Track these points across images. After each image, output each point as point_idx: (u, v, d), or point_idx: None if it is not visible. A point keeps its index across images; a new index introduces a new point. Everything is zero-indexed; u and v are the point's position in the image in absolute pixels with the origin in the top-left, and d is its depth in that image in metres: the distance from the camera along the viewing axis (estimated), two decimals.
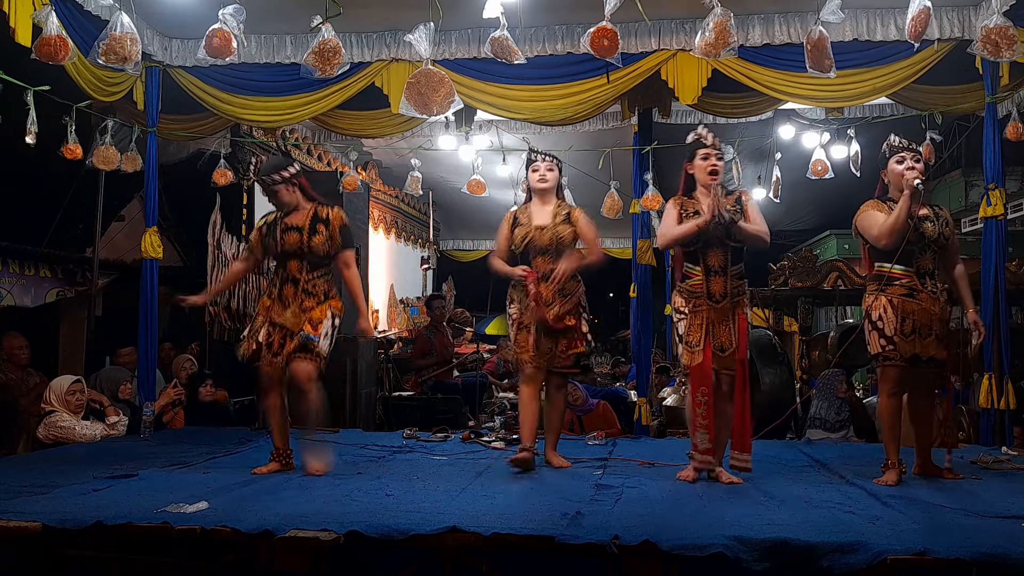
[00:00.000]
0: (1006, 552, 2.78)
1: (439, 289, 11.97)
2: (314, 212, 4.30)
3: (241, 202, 8.10)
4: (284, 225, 4.27)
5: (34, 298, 7.69)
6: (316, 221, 4.26)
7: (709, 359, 3.99)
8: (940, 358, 4.04)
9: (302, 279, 4.23)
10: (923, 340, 3.98)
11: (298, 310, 4.20)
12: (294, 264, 4.24)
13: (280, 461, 4.32)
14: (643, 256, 6.47)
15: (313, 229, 4.24)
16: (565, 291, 4.34)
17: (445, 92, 4.75)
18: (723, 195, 4.13)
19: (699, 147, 4.12)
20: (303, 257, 4.23)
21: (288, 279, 4.25)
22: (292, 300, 4.21)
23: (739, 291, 4.07)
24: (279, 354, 4.17)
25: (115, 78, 5.49)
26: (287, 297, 4.22)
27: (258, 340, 4.21)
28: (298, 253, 4.23)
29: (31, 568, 3.25)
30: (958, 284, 4.14)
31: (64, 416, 5.34)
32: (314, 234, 4.23)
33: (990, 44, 4.45)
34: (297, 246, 4.22)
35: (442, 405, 7.14)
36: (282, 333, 4.19)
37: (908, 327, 3.97)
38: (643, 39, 5.68)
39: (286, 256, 4.25)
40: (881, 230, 3.98)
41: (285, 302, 4.22)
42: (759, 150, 8.89)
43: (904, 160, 4.05)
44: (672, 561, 2.92)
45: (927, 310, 3.99)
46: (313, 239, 4.22)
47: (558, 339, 4.36)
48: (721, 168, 4.12)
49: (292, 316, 4.19)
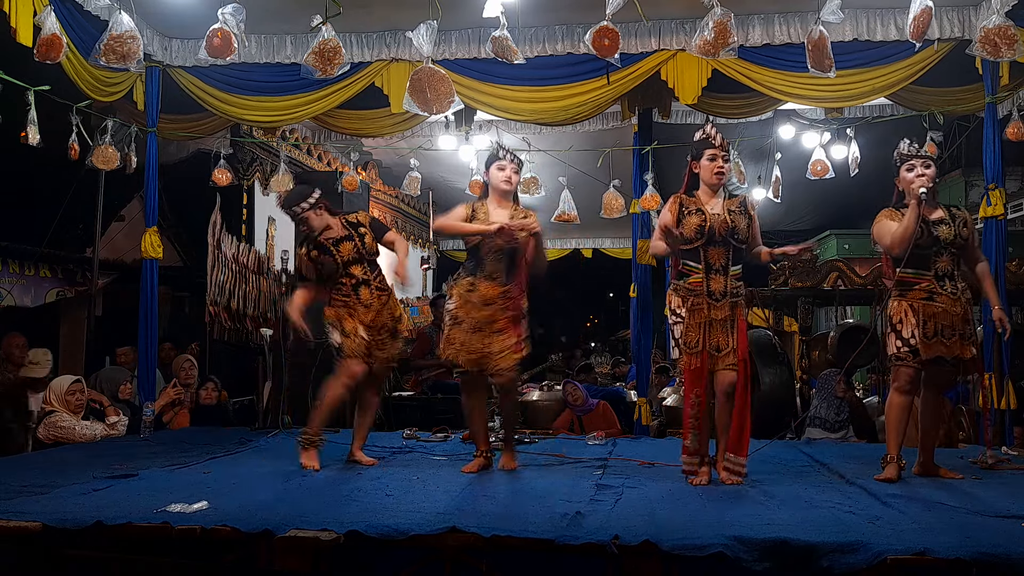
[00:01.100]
0: (1006, 552, 2.77)
1: (439, 289, 11.96)
2: (344, 221, 4.59)
3: (241, 202, 8.11)
4: (331, 240, 4.52)
5: (34, 298, 7.69)
6: (354, 227, 4.58)
7: (705, 360, 3.99)
8: (966, 357, 4.06)
9: (371, 279, 4.56)
10: (948, 341, 4.01)
11: (379, 305, 4.54)
12: (358, 268, 4.53)
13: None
14: (643, 256, 6.48)
15: (359, 234, 4.56)
16: (509, 294, 4.24)
17: (445, 91, 4.76)
18: (727, 197, 4.14)
19: (707, 147, 4.11)
20: (362, 260, 4.55)
21: (360, 283, 4.52)
22: (373, 300, 4.53)
23: (738, 292, 4.07)
24: (383, 350, 4.56)
25: (114, 78, 5.49)
26: (365, 299, 4.51)
27: (362, 336, 4.43)
28: (358, 258, 4.54)
29: (31, 568, 3.25)
30: (984, 281, 4.17)
31: (64, 416, 5.34)
32: (362, 237, 4.56)
33: (989, 44, 4.45)
34: (355, 252, 4.52)
35: (442, 405, 7.13)
36: (377, 332, 4.52)
37: (931, 330, 4.00)
38: (643, 39, 5.68)
39: (348, 264, 4.51)
40: (892, 239, 4.03)
41: (367, 304, 4.51)
42: (759, 150, 8.88)
43: (914, 168, 4.07)
44: (672, 561, 2.91)
45: (948, 311, 4.01)
46: (365, 240, 4.55)
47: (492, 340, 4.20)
48: (728, 170, 4.12)
49: (377, 314, 4.52)
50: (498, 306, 4.22)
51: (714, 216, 4.03)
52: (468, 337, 4.20)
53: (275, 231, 8.76)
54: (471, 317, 4.21)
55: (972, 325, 4.13)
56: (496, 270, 4.25)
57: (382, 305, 4.55)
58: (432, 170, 9.04)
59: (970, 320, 4.11)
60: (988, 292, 4.18)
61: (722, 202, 4.10)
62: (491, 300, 4.21)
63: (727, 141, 4.18)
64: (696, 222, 4.02)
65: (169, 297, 8.82)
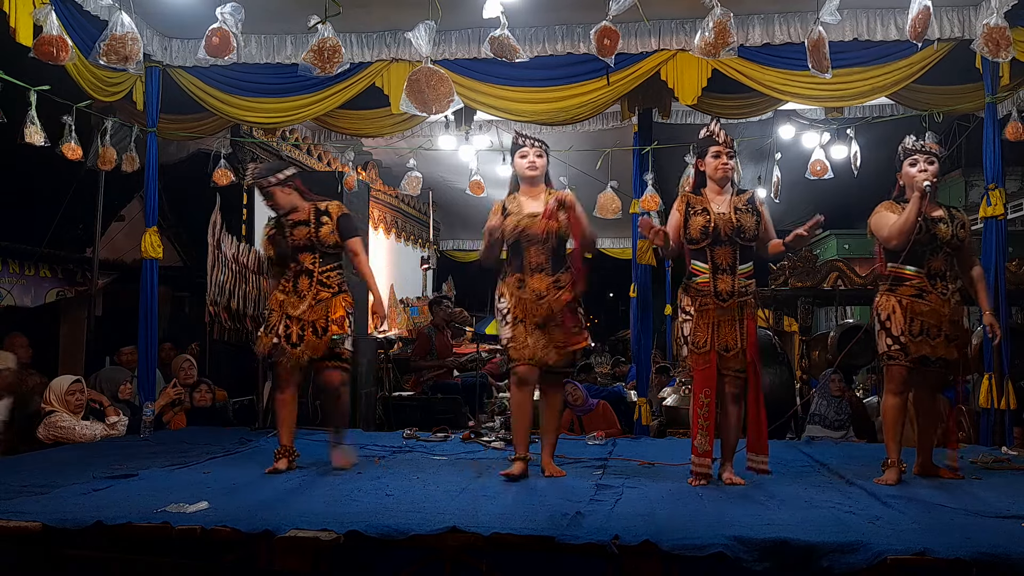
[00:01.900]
0: (1006, 552, 2.78)
1: (439, 289, 11.97)
2: (314, 207, 4.45)
3: (241, 202, 8.10)
4: (290, 222, 4.40)
5: (34, 298, 7.70)
6: (319, 214, 4.41)
7: (714, 361, 3.98)
8: (950, 358, 4.05)
9: (316, 271, 4.36)
10: (932, 341, 4.00)
11: (313, 301, 4.32)
12: (307, 257, 4.37)
13: (288, 458, 4.35)
14: (643, 256, 6.47)
15: (318, 221, 4.38)
16: (560, 283, 4.15)
17: (445, 91, 4.75)
18: (735, 193, 4.12)
19: (711, 144, 4.10)
20: (314, 249, 4.37)
21: (302, 271, 4.37)
22: (307, 291, 4.33)
23: (747, 290, 4.03)
24: (298, 345, 4.29)
25: (115, 78, 5.49)
26: (302, 289, 4.34)
27: (277, 334, 4.30)
28: (309, 246, 4.36)
29: (31, 568, 3.25)
30: (976, 285, 4.16)
31: (64, 416, 5.34)
32: (320, 225, 4.36)
33: (991, 43, 4.45)
34: (307, 238, 4.35)
35: (442, 405, 7.14)
36: (299, 325, 4.31)
37: (916, 328, 3.99)
38: (643, 39, 5.68)
39: (298, 250, 4.38)
40: (891, 230, 4.00)
41: (300, 294, 4.34)
42: (759, 150, 8.89)
43: (917, 162, 4.07)
44: (672, 561, 2.92)
45: (936, 311, 4.00)
46: (320, 230, 4.35)
47: (553, 334, 4.14)
48: (732, 167, 4.11)
49: (308, 308, 4.31)
50: (551, 297, 4.11)
51: (719, 215, 4.01)
52: (534, 334, 4.10)
53: None
54: (530, 315, 4.11)
55: (960, 327, 4.11)
56: (541, 261, 4.15)
57: (317, 302, 4.31)
58: (432, 170, 9.05)
59: (958, 322, 4.09)
60: (981, 297, 4.16)
61: (729, 199, 4.08)
62: (543, 293, 4.10)
63: (732, 139, 4.18)
64: (701, 222, 4.01)
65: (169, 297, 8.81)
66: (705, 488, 3.90)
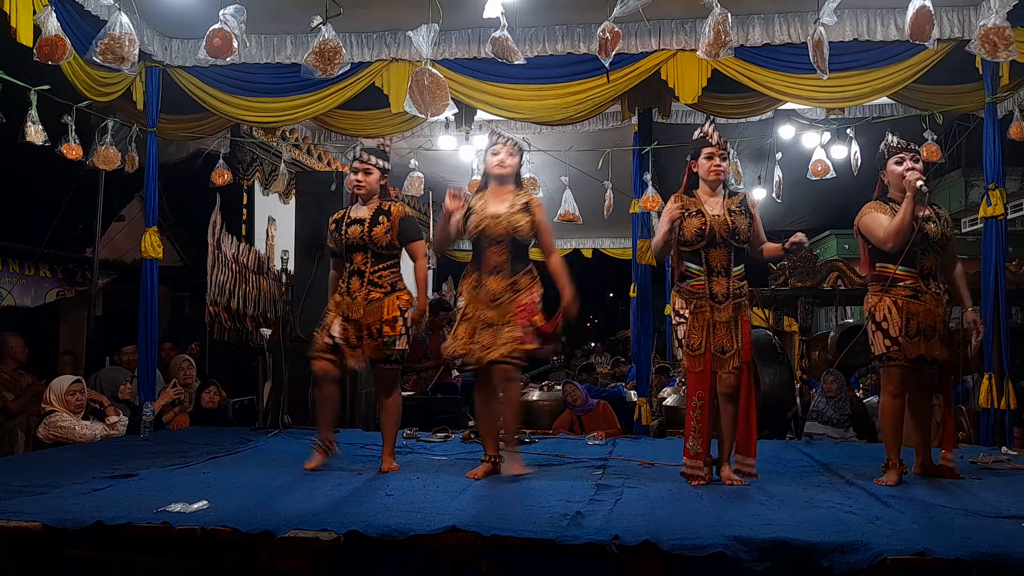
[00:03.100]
0: (1006, 552, 2.77)
1: (439, 289, 11.96)
2: (379, 205, 4.36)
3: (241, 202, 8.12)
4: (349, 219, 4.35)
5: (34, 298, 7.70)
6: (379, 213, 4.32)
7: (709, 362, 3.98)
8: (943, 359, 4.04)
9: (367, 271, 4.29)
10: (928, 341, 3.98)
11: (364, 302, 4.26)
12: (359, 256, 4.30)
13: (325, 453, 4.38)
14: (643, 256, 6.47)
15: (375, 220, 4.29)
16: (518, 285, 4.10)
17: (440, 95, 4.74)
18: (727, 195, 4.12)
19: (704, 145, 4.09)
20: (366, 249, 4.29)
21: (354, 272, 4.32)
22: (359, 292, 4.27)
23: (741, 292, 4.04)
24: (357, 347, 4.28)
25: (110, 78, 5.48)
26: (354, 290, 4.29)
27: (331, 334, 4.27)
28: (361, 245, 4.29)
29: (31, 568, 3.25)
30: (957, 283, 4.14)
31: (64, 416, 5.34)
32: (375, 225, 4.28)
33: (988, 43, 4.45)
34: (359, 237, 4.28)
35: (442, 405, 7.12)
36: (356, 327, 4.28)
37: (913, 328, 3.97)
38: (643, 39, 5.68)
39: (351, 249, 4.31)
40: (887, 233, 3.96)
41: (353, 295, 4.28)
42: (759, 150, 8.89)
43: (903, 161, 4.03)
44: (672, 561, 2.92)
45: (931, 311, 3.99)
46: (374, 229, 4.27)
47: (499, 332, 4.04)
48: (725, 169, 4.10)
49: (360, 309, 4.26)
50: (507, 300, 4.08)
51: (714, 218, 4.01)
52: (475, 332, 4.08)
53: (275, 231, 8.76)
54: (479, 315, 4.10)
55: (948, 327, 4.10)
56: (500, 262, 4.13)
57: (368, 303, 4.26)
58: (432, 170, 9.04)
59: (947, 322, 4.08)
60: (962, 295, 4.14)
61: (722, 201, 4.08)
62: (498, 295, 4.09)
63: (725, 140, 4.17)
64: (696, 224, 4.01)
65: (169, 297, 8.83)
66: (705, 488, 3.90)
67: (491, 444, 4.20)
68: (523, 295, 4.11)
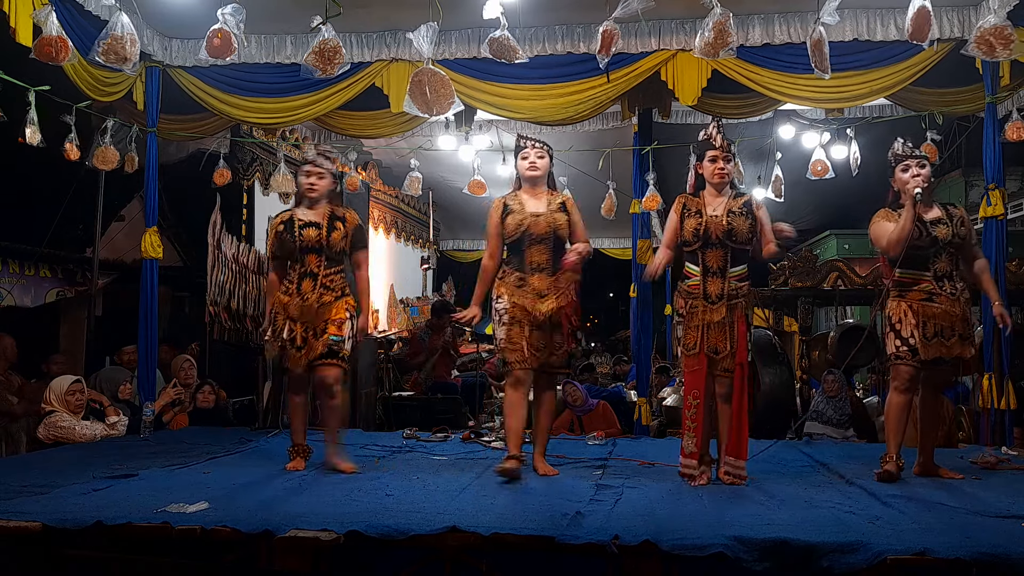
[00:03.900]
0: (1006, 552, 2.78)
1: (439, 289, 11.97)
2: (331, 211, 4.43)
3: (241, 202, 8.10)
4: (301, 222, 4.37)
5: (34, 298, 7.69)
6: (334, 219, 4.39)
7: (704, 363, 3.98)
8: (965, 356, 4.07)
9: (320, 274, 4.33)
10: (947, 342, 4.02)
11: (316, 304, 4.29)
12: (312, 259, 4.34)
13: (304, 457, 4.41)
14: (643, 256, 6.47)
15: (331, 226, 4.36)
16: (560, 283, 4.17)
17: (446, 94, 4.75)
18: (732, 196, 4.12)
19: (708, 148, 4.11)
20: (321, 252, 4.34)
21: (307, 274, 4.34)
22: (311, 294, 4.30)
23: (738, 293, 4.03)
24: (303, 348, 4.29)
25: (113, 78, 5.48)
26: (305, 292, 4.32)
27: (282, 338, 4.30)
28: (316, 248, 4.34)
29: (31, 568, 3.25)
30: (981, 278, 4.17)
31: (64, 416, 5.34)
32: (332, 230, 4.35)
33: (984, 44, 4.44)
34: (316, 241, 4.33)
35: (442, 405, 7.13)
36: (303, 327, 4.30)
37: (930, 331, 4.01)
38: (643, 39, 5.68)
39: (305, 251, 4.34)
40: (889, 241, 4.03)
41: (304, 296, 4.31)
42: (759, 150, 8.89)
43: (909, 168, 4.07)
44: (672, 561, 2.92)
45: (948, 312, 4.02)
46: (332, 235, 4.34)
47: (552, 335, 4.17)
48: (729, 172, 4.10)
49: (310, 310, 4.29)
50: (552, 296, 4.13)
51: (712, 218, 4.02)
52: (531, 335, 4.11)
53: None
54: (527, 313, 4.11)
55: (971, 325, 4.13)
56: (543, 260, 4.17)
57: (320, 305, 4.29)
58: (432, 170, 9.05)
59: (969, 320, 4.11)
60: (988, 289, 4.19)
61: (725, 202, 4.08)
62: (544, 292, 4.13)
63: (730, 142, 4.17)
64: (693, 224, 4.03)
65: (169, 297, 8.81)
66: (705, 488, 3.90)
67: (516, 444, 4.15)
68: (564, 293, 4.17)
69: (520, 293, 4.15)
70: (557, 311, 4.14)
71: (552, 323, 4.16)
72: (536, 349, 4.12)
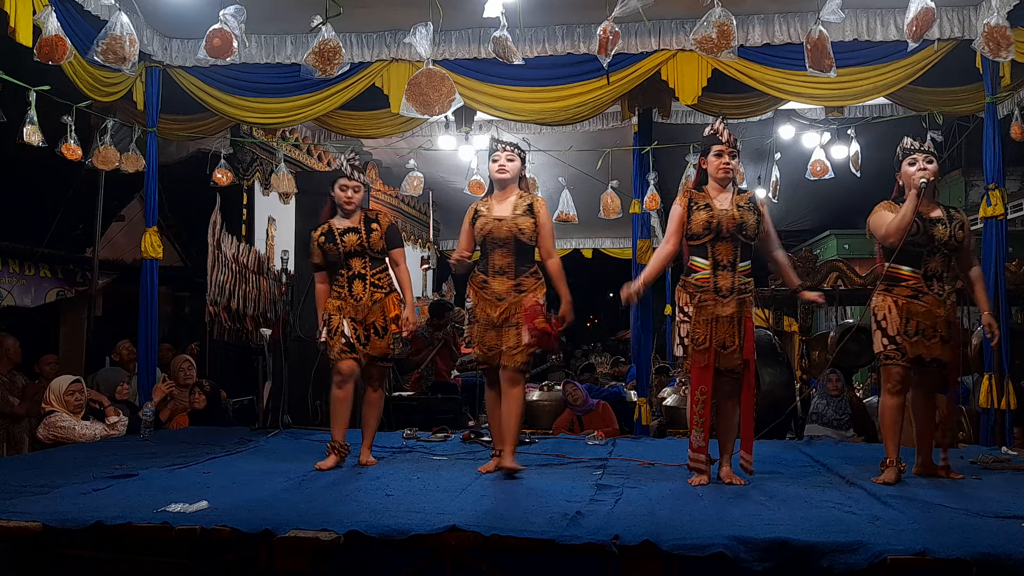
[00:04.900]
0: (1006, 552, 2.77)
1: (439, 289, 11.97)
2: (364, 215, 4.62)
3: (241, 202, 8.12)
4: (340, 229, 4.55)
5: (34, 298, 7.70)
6: (369, 221, 4.59)
7: (712, 357, 3.97)
8: (944, 359, 4.06)
9: (368, 274, 4.54)
10: (927, 342, 4.00)
11: (370, 302, 4.50)
12: (357, 262, 4.54)
13: (340, 455, 4.45)
14: (643, 256, 6.47)
15: (369, 228, 4.56)
16: (522, 287, 4.23)
17: (446, 91, 4.76)
18: (736, 193, 4.12)
19: (714, 143, 4.09)
20: (364, 254, 4.54)
21: (355, 276, 4.54)
22: (363, 294, 4.52)
23: (746, 288, 4.03)
24: (366, 346, 4.50)
25: (113, 78, 5.48)
26: (357, 292, 4.52)
27: (345, 335, 4.46)
28: (360, 251, 4.54)
29: (31, 568, 3.25)
30: (975, 286, 4.16)
31: (64, 416, 5.34)
32: (370, 232, 4.54)
33: (992, 42, 4.45)
34: (358, 244, 4.52)
35: (442, 405, 7.13)
36: (363, 327, 4.50)
37: (912, 328, 3.99)
38: (643, 39, 5.68)
39: (349, 256, 4.53)
40: (888, 228, 4.01)
41: (357, 297, 4.51)
42: (759, 150, 8.89)
43: (916, 161, 4.07)
44: (672, 561, 2.91)
45: (932, 312, 4.00)
46: (371, 236, 4.53)
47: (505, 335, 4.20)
48: (734, 167, 4.10)
49: (366, 308, 4.50)
50: (510, 301, 4.21)
51: (722, 212, 4.01)
52: (485, 335, 4.26)
53: (275, 231, 8.76)
54: (485, 314, 4.26)
55: (956, 329, 4.12)
56: (504, 264, 4.26)
57: (373, 302, 4.50)
58: (432, 170, 9.05)
59: (953, 323, 4.10)
60: (979, 298, 4.16)
61: (731, 197, 4.07)
62: (503, 295, 4.23)
63: (735, 138, 4.17)
64: (704, 217, 4.00)
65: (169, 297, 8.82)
66: (705, 488, 3.89)
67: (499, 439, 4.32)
68: (528, 296, 4.22)
69: (482, 294, 4.31)
70: (512, 313, 4.20)
71: (508, 324, 4.21)
72: (489, 348, 4.26)
